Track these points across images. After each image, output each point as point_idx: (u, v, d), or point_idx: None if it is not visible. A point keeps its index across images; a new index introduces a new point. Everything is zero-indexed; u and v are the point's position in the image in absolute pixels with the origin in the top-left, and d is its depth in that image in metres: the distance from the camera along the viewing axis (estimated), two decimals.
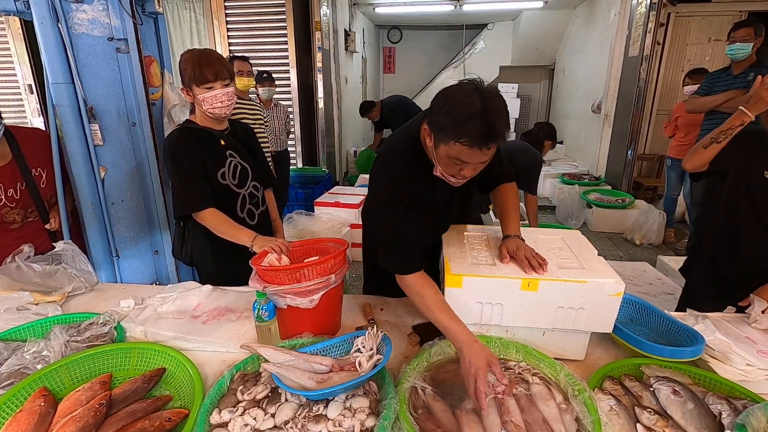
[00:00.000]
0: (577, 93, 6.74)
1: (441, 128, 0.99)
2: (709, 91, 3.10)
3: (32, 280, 1.46)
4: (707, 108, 3.11)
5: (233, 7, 5.05)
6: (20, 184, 1.65)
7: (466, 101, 0.95)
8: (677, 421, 0.89)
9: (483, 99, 0.94)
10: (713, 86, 3.09)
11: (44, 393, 0.95)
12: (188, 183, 1.47)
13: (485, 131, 0.93)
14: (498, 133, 0.95)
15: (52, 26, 1.65)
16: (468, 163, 1.02)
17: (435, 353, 1.09)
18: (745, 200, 1.52)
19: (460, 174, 1.07)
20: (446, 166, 1.06)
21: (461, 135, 0.95)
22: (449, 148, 1.00)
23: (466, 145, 0.96)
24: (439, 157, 1.06)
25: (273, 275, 1.14)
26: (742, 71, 2.94)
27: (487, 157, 1.01)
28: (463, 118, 0.94)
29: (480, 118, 0.93)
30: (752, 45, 2.84)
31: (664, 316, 1.23)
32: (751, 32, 2.82)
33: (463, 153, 0.98)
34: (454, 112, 0.96)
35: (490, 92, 0.97)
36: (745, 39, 2.83)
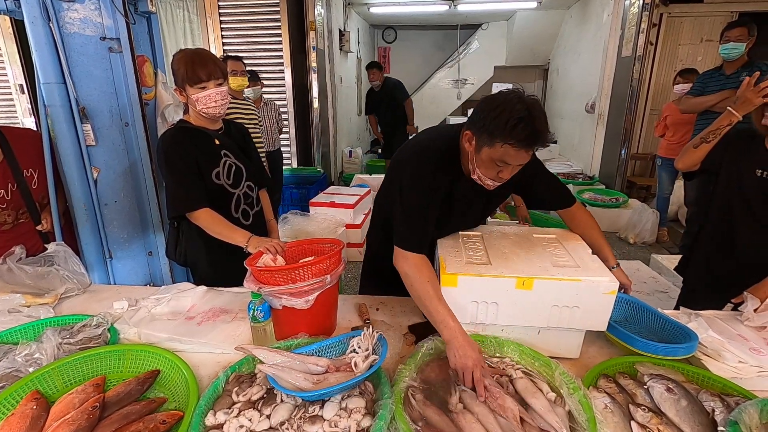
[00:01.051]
0: (571, 93, 6.78)
1: (490, 132, 1.08)
2: (702, 91, 3.11)
3: (24, 282, 1.44)
4: (701, 108, 3.12)
5: (227, 6, 5.03)
6: (11, 185, 1.63)
7: (513, 107, 1.06)
8: (671, 418, 0.90)
9: (527, 106, 1.06)
10: (706, 86, 3.11)
11: (36, 396, 0.94)
12: (182, 183, 1.46)
13: (531, 134, 1.05)
14: (542, 136, 1.07)
15: (43, 25, 1.63)
16: (509, 164, 1.12)
17: (427, 349, 1.09)
18: (737, 198, 1.54)
19: (498, 176, 1.16)
20: (487, 169, 1.15)
21: (510, 137, 1.05)
22: (494, 151, 1.09)
23: (514, 146, 1.06)
24: (480, 160, 1.15)
25: (268, 276, 1.13)
26: (734, 71, 2.95)
27: (526, 160, 1.12)
28: (513, 123, 1.04)
29: (526, 122, 1.04)
30: (745, 45, 2.86)
31: (657, 315, 1.24)
32: (744, 32, 2.84)
33: (509, 154, 1.08)
34: (504, 117, 1.05)
35: (533, 101, 1.09)
36: (738, 39, 2.85)
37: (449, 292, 1.09)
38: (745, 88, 1.47)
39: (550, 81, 8.19)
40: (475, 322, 1.13)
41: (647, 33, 4.60)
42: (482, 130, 1.10)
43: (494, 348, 1.11)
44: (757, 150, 1.50)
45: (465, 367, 0.99)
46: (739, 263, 1.57)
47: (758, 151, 1.50)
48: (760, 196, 1.50)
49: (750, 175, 1.50)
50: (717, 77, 3.06)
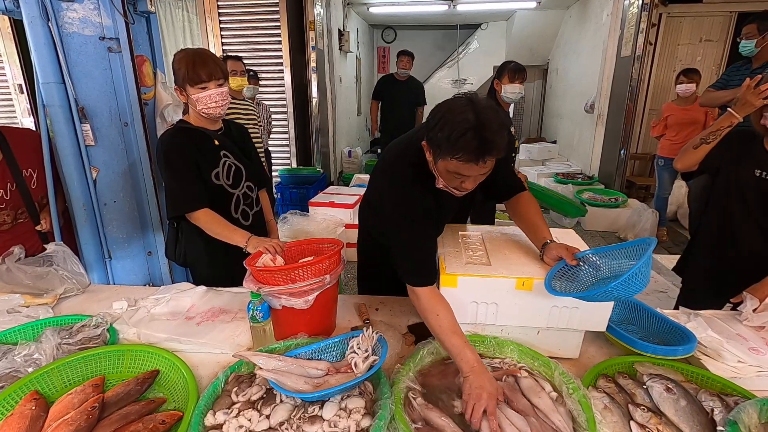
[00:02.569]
0: (571, 93, 6.78)
1: (437, 145, 1.01)
2: (726, 84, 3.00)
3: (23, 282, 1.44)
4: (719, 102, 3.03)
5: (226, 6, 5.02)
6: (10, 184, 1.63)
7: (459, 117, 0.96)
8: (670, 418, 0.90)
9: (476, 114, 0.95)
10: (731, 80, 2.99)
11: (36, 396, 0.94)
12: (181, 183, 1.46)
13: (479, 146, 0.94)
14: (492, 146, 0.95)
15: (42, 25, 1.63)
16: (467, 176, 1.03)
17: (428, 352, 1.09)
18: (736, 198, 1.54)
19: (461, 186, 1.07)
20: (447, 180, 1.07)
21: (456, 151, 0.96)
22: (447, 164, 1.01)
23: (462, 160, 0.97)
24: (439, 171, 1.07)
25: (267, 276, 1.13)
26: (760, 65, 2.85)
27: (485, 169, 1.01)
28: (458, 135, 0.95)
29: (473, 132, 0.94)
30: (755, 41, 2.78)
31: (656, 315, 1.24)
32: (753, 28, 2.79)
33: (461, 168, 1.00)
34: (448, 128, 0.96)
35: (484, 106, 0.98)
36: (748, 36, 2.80)
37: (449, 293, 1.09)
38: (745, 90, 1.47)
39: (549, 81, 8.19)
40: (475, 322, 1.13)
41: (646, 33, 4.60)
42: (432, 142, 1.03)
43: (494, 348, 1.11)
44: (756, 150, 1.51)
45: (479, 398, 0.91)
46: (737, 263, 1.57)
47: (758, 151, 1.50)
48: (758, 196, 1.50)
49: (749, 175, 1.50)
50: (743, 71, 2.95)
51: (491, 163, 1.01)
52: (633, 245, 1.04)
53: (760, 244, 1.52)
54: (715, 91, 3.06)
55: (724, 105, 2.99)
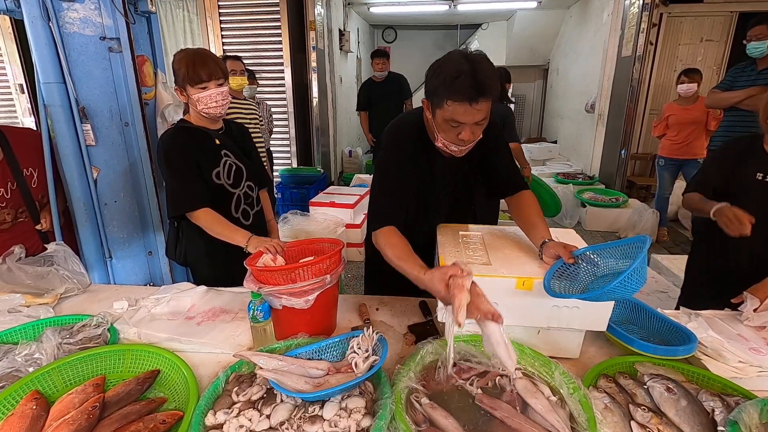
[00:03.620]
0: (571, 93, 6.78)
1: (434, 92, 1.10)
2: (731, 85, 2.98)
3: (24, 281, 1.44)
4: (726, 104, 3.00)
5: (227, 6, 5.02)
6: (11, 183, 1.63)
7: (453, 64, 1.07)
8: (671, 418, 0.90)
9: (469, 61, 1.05)
10: (736, 81, 2.97)
11: (36, 396, 0.94)
12: (182, 183, 1.46)
13: (473, 86, 1.04)
14: (485, 87, 1.04)
15: (43, 25, 1.63)
16: (463, 123, 1.10)
17: (428, 352, 1.08)
18: (737, 201, 1.54)
19: (458, 139, 1.14)
20: (445, 132, 1.15)
21: (451, 93, 1.05)
22: (444, 111, 1.10)
23: (457, 101, 1.06)
24: (437, 124, 1.15)
25: (268, 276, 1.13)
26: (765, 67, 2.83)
27: (480, 115, 1.09)
28: (452, 78, 1.05)
29: (467, 75, 1.03)
30: (767, 42, 2.75)
31: (657, 315, 1.24)
32: (764, 29, 2.74)
33: (457, 112, 1.07)
34: (444, 73, 1.07)
35: (477, 55, 1.08)
36: (759, 37, 2.76)
37: None
38: None
39: (549, 81, 8.19)
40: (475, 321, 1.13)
41: (647, 33, 4.60)
42: (430, 92, 1.13)
43: None
44: (757, 154, 1.51)
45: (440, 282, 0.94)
46: (739, 266, 1.57)
47: (758, 154, 1.50)
48: (760, 200, 1.49)
49: (751, 179, 1.50)
50: (748, 72, 2.93)
51: (485, 107, 1.08)
52: (629, 243, 1.03)
53: (760, 247, 1.52)
54: (721, 92, 3.03)
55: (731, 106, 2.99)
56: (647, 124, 5.50)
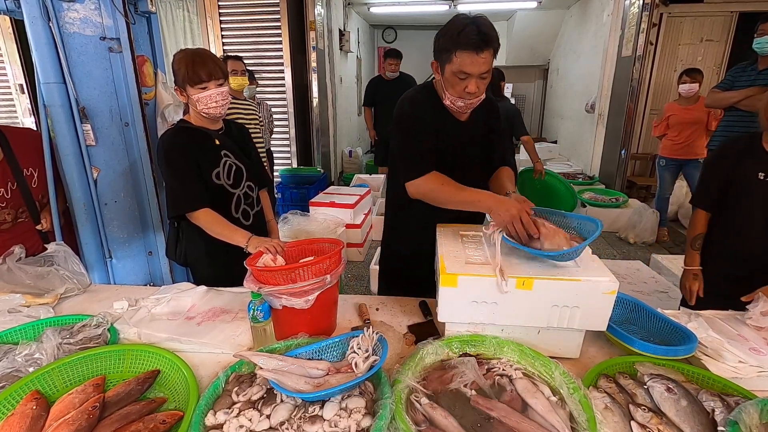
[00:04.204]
0: (571, 93, 6.78)
1: (442, 48, 1.23)
2: (732, 85, 2.96)
3: (24, 281, 1.44)
4: (726, 104, 2.98)
5: (227, 6, 5.03)
6: (11, 183, 1.63)
7: (458, 21, 1.20)
8: (671, 418, 0.90)
9: (472, 18, 1.20)
10: (736, 80, 2.95)
11: (36, 396, 0.94)
12: (182, 183, 1.46)
13: (478, 35, 1.16)
14: (489, 37, 1.18)
15: (43, 25, 1.63)
16: (470, 74, 1.21)
17: (428, 352, 1.08)
18: (740, 203, 1.54)
19: (465, 92, 1.25)
20: (453, 86, 1.26)
21: (459, 43, 1.18)
22: (452, 65, 1.21)
23: (465, 50, 1.18)
24: (446, 80, 1.27)
25: (268, 276, 1.13)
26: (766, 67, 2.81)
27: (485, 66, 1.21)
28: (458, 30, 1.18)
29: (472, 27, 1.17)
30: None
31: (657, 315, 1.24)
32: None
33: (464, 63, 1.19)
34: (450, 29, 1.20)
35: (478, 15, 1.21)
36: (762, 33, 2.72)
37: (449, 293, 1.09)
38: None
39: (550, 81, 8.19)
40: (475, 322, 1.13)
41: (647, 33, 4.60)
42: (440, 51, 1.24)
43: (494, 348, 1.11)
44: (757, 153, 1.50)
45: (512, 217, 1.12)
46: (744, 267, 1.55)
47: (758, 154, 1.49)
48: (764, 200, 1.48)
49: (753, 179, 1.49)
50: (749, 72, 2.90)
51: (489, 58, 1.21)
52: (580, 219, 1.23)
53: (764, 248, 1.51)
54: (721, 92, 3.01)
55: (730, 106, 2.98)
56: (647, 124, 5.50)
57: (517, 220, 1.12)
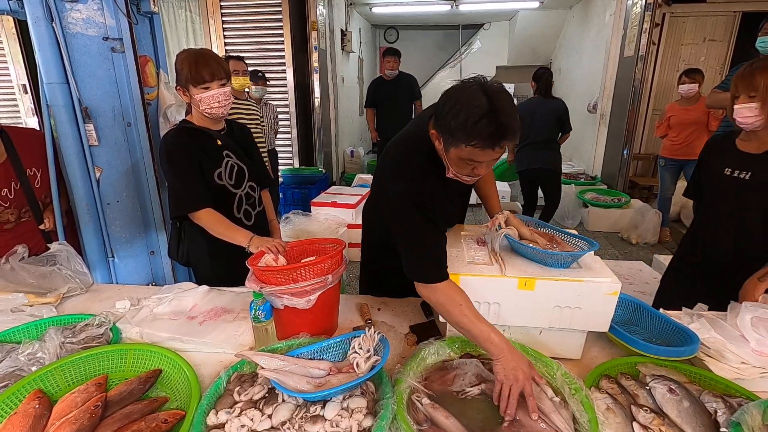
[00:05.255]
0: (573, 93, 6.77)
1: (450, 133, 0.99)
2: None
3: (27, 281, 1.44)
4: (726, 104, 3.02)
5: (229, 6, 5.04)
6: (14, 183, 1.64)
7: (472, 103, 0.94)
8: (673, 419, 0.90)
9: (489, 98, 0.93)
10: None
11: (39, 395, 0.94)
12: (184, 183, 1.47)
13: (496, 131, 0.93)
14: (508, 130, 0.94)
15: (46, 25, 1.64)
16: (481, 162, 1.02)
17: (429, 353, 1.08)
18: (709, 197, 1.60)
19: (474, 173, 1.07)
20: (459, 168, 1.07)
21: (472, 138, 0.95)
22: (460, 151, 1.00)
23: (477, 147, 0.96)
24: (450, 159, 1.06)
25: (270, 275, 1.13)
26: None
27: (499, 154, 1.00)
28: (473, 122, 0.93)
29: (488, 118, 0.92)
30: None
31: (659, 316, 1.23)
32: None
33: (475, 154, 0.98)
34: (462, 115, 0.95)
35: (496, 90, 0.96)
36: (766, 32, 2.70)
37: None
38: None
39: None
40: None
41: (650, 33, 4.59)
42: (444, 130, 1.01)
43: None
44: (729, 150, 1.54)
45: (516, 380, 0.92)
46: (703, 261, 1.62)
47: (730, 150, 1.54)
48: (723, 194, 1.54)
49: (720, 175, 1.53)
50: None
51: (505, 148, 1.00)
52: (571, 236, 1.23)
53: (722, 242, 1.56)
54: (722, 92, 3.00)
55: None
56: (650, 125, 5.49)
57: (520, 387, 0.92)
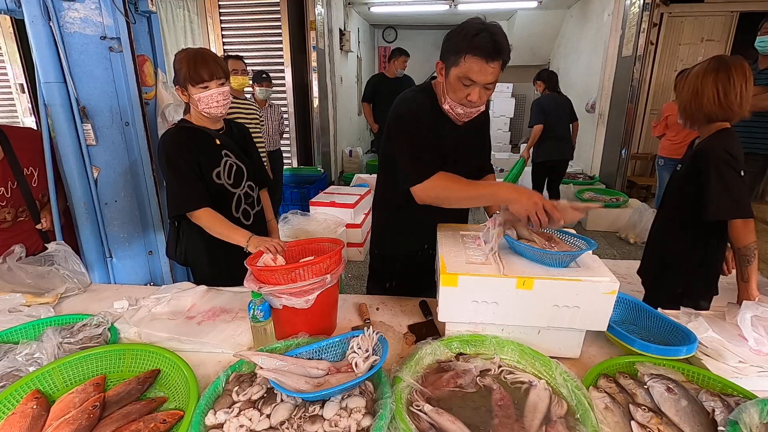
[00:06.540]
0: (572, 93, 6.74)
1: (452, 49, 1.19)
2: None
3: (24, 281, 1.44)
4: None
5: (227, 6, 5.03)
6: (11, 183, 1.64)
7: (473, 24, 1.16)
8: (671, 418, 0.90)
9: (487, 25, 1.16)
10: None
11: (37, 395, 0.94)
12: (183, 182, 1.46)
13: (492, 43, 1.14)
14: (501, 48, 1.15)
15: (43, 25, 1.63)
16: (475, 82, 1.18)
17: (428, 352, 1.08)
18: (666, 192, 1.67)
19: (467, 100, 1.22)
20: (455, 91, 1.23)
21: (471, 47, 1.14)
22: (459, 68, 1.18)
23: (475, 55, 1.14)
24: (448, 84, 1.24)
25: (268, 275, 1.13)
26: (766, 67, 2.79)
27: (491, 76, 1.18)
28: (472, 34, 1.14)
29: (486, 33, 1.14)
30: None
31: (657, 315, 1.24)
32: None
33: (472, 69, 1.16)
34: (464, 32, 1.16)
35: (493, 23, 1.18)
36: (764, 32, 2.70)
37: (450, 292, 1.09)
38: None
39: None
40: (475, 321, 1.13)
41: (648, 33, 4.60)
42: (449, 52, 1.20)
43: (494, 348, 1.11)
44: (689, 148, 1.61)
45: (535, 206, 1.10)
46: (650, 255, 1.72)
47: (689, 149, 1.61)
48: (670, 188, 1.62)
49: (674, 170, 1.61)
50: None
51: (497, 69, 1.18)
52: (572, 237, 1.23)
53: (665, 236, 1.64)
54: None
55: None
56: (648, 124, 5.50)
57: (540, 207, 1.10)
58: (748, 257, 1.36)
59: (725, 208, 1.37)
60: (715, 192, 1.37)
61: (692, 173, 1.47)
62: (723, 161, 1.37)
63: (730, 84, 1.36)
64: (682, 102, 1.49)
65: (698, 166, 1.44)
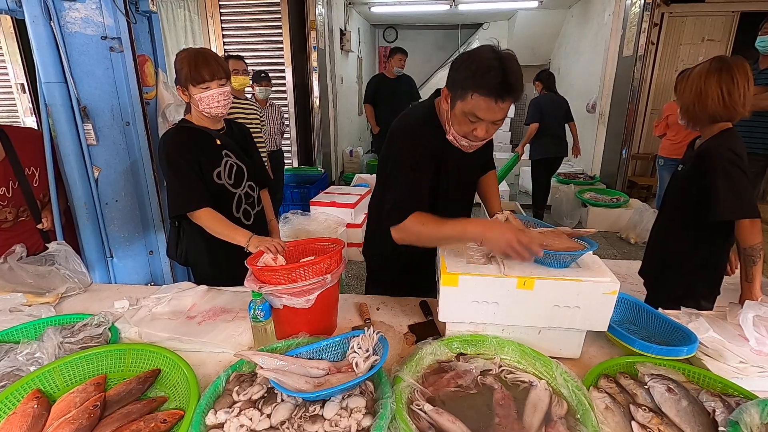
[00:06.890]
0: (572, 93, 6.76)
1: (460, 83, 1.10)
2: None
3: (25, 281, 1.44)
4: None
5: (228, 6, 5.03)
6: (12, 182, 1.64)
7: (484, 56, 1.07)
8: (672, 418, 0.90)
9: (500, 59, 1.06)
10: None
11: (37, 395, 0.94)
12: (183, 182, 1.46)
13: (502, 83, 1.04)
14: (513, 88, 1.06)
15: (44, 25, 1.63)
16: (482, 120, 1.11)
17: (428, 352, 1.08)
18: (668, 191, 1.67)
19: (472, 134, 1.15)
20: (459, 125, 1.16)
21: (480, 86, 1.06)
22: (465, 104, 1.10)
23: (483, 95, 1.06)
24: (454, 116, 1.16)
25: (269, 275, 1.13)
26: (767, 67, 2.78)
27: (500, 114, 1.10)
28: (483, 71, 1.05)
29: (498, 71, 1.04)
30: None
31: (658, 315, 1.24)
32: None
33: (479, 106, 1.08)
34: (474, 66, 1.07)
35: (507, 55, 1.08)
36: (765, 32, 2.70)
37: (450, 292, 1.09)
38: None
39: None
40: (476, 321, 1.13)
41: (648, 33, 4.60)
42: (455, 84, 1.12)
43: (495, 348, 1.11)
44: (690, 149, 1.60)
45: (509, 243, 1.02)
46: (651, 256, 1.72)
47: (689, 150, 1.60)
48: (670, 188, 1.62)
49: (675, 171, 1.60)
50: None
51: (507, 107, 1.10)
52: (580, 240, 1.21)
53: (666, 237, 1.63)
54: None
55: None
56: (648, 124, 5.50)
57: (515, 244, 1.02)
58: (754, 257, 1.35)
59: (733, 207, 1.35)
60: (723, 192, 1.36)
61: (695, 174, 1.46)
62: (729, 161, 1.36)
63: (734, 84, 1.36)
64: (685, 103, 1.48)
65: (702, 167, 1.43)
